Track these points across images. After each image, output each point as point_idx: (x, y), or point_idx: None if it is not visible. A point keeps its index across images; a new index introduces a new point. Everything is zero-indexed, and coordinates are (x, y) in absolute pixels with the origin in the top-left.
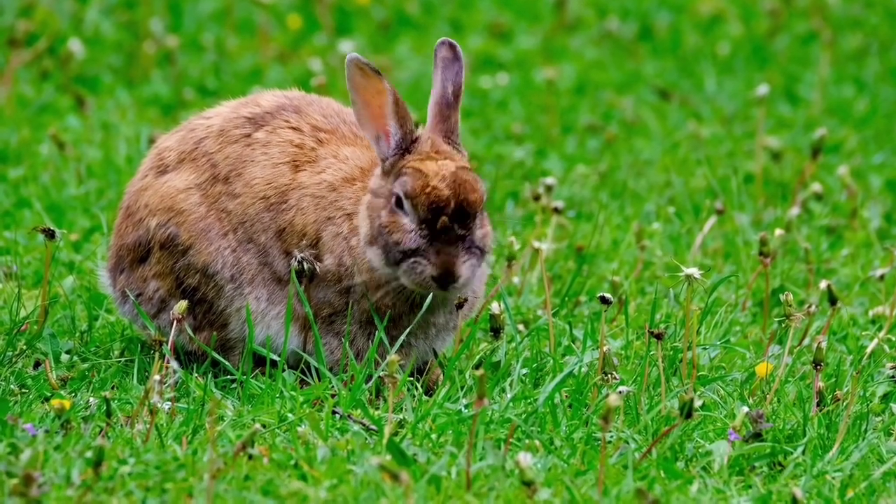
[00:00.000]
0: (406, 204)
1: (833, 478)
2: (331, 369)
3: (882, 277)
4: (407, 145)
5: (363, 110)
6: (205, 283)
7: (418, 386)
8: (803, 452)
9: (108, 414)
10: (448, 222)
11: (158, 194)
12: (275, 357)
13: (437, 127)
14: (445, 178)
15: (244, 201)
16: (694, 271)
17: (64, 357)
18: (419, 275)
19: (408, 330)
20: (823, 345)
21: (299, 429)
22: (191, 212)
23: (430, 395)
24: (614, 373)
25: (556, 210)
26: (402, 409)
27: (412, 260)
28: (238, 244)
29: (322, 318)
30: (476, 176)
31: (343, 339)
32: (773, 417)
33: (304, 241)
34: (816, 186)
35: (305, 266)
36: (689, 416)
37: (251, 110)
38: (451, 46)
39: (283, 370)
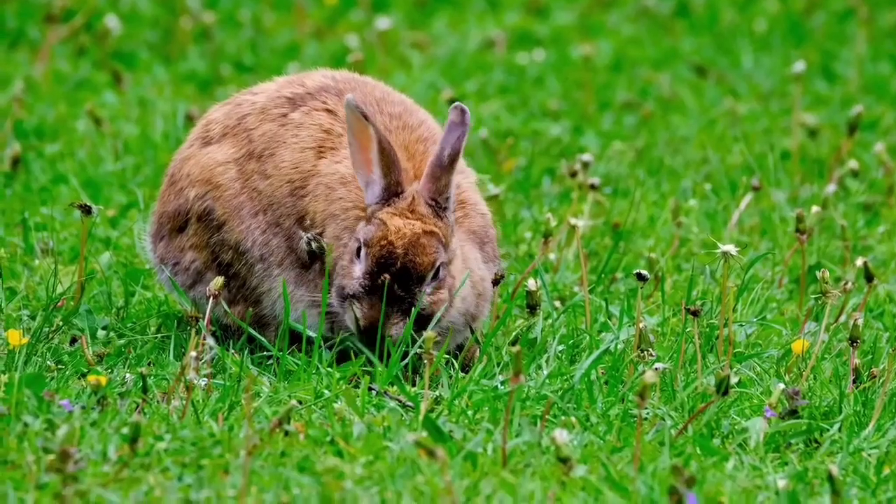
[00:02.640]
0: (362, 252)
1: (869, 455)
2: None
3: None
4: (390, 196)
5: (357, 154)
6: (237, 259)
7: (454, 363)
8: (839, 429)
9: (145, 390)
10: (389, 279)
11: (199, 165)
12: (311, 334)
13: (426, 186)
14: (404, 237)
15: (273, 183)
16: (731, 248)
17: (100, 333)
18: (350, 320)
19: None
20: (860, 322)
21: (335, 405)
22: (227, 187)
23: (467, 372)
24: (650, 350)
25: (592, 187)
26: (438, 385)
27: (349, 304)
28: (267, 226)
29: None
30: (437, 243)
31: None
32: (810, 394)
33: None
34: (853, 163)
35: (314, 246)
36: (725, 393)
37: (294, 90)
38: (462, 111)
39: (320, 347)
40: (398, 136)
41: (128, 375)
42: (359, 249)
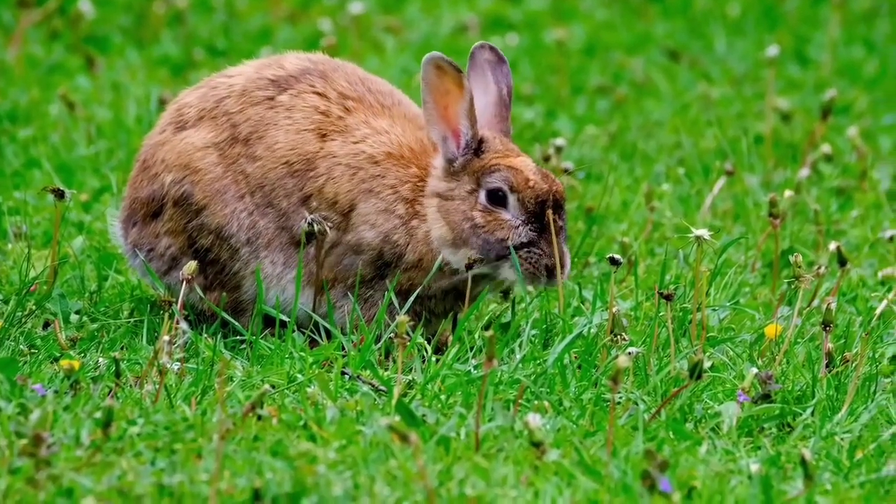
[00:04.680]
0: (511, 199)
1: (842, 439)
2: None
3: (892, 239)
4: (475, 146)
5: (433, 109)
6: (218, 244)
7: (428, 347)
8: (812, 414)
9: (118, 374)
10: (552, 214)
11: (175, 150)
12: (284, 318)
13: (496, 127)
14: (538, 173)
15: (265, 165)
16: (704, 233)
17: (73, 317)
18: (534, 266)
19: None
20: (833, 306)
21: (308, 389)
22: (207, 171)
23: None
24: (623, 334)
25: (566, 171)
26: (411, 369)
27: (524, 253)
28: (255, 207)
29: (347, 285)
30: None
31: (368, 307)
32: (783, 379)
33: (335, 209)
34: (826, 148)
35: (316, 228)
36: (698, 377)
37: (275, 72)
38: (492, 49)
39: (294, 331)
40: (396, 110)
41: (101, 360)
42: (499, 198)
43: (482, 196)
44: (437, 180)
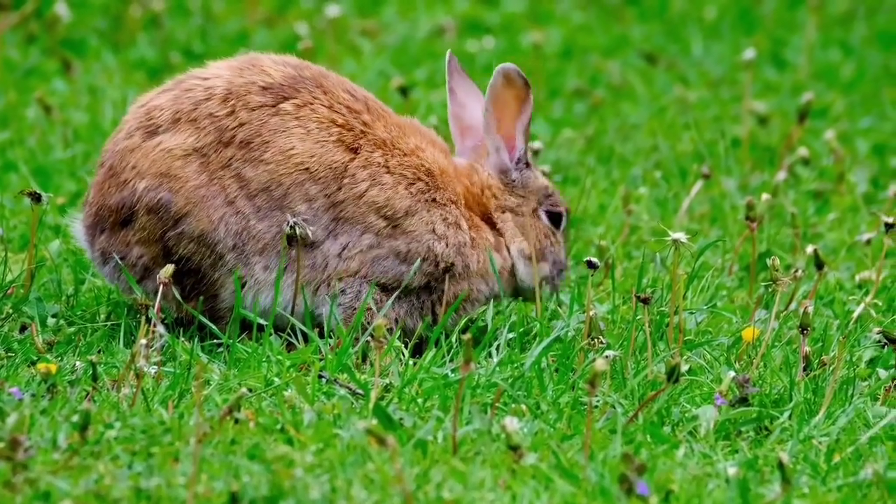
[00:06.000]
0: (563, 222)
1: (819, 442)
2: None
3: (868, 242)
4: (527, 160)
5: (492, 118)
6: (200, 252)
7: (404, 351)
8: (790, 417)
9: (95, 378)
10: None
11: (149, 157)
12: (262, 322)
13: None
14: None
15: (276, 170)
16: (681, 236)
17: (50, 321)
18: (561, 284)
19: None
20: (810, 309)
21: (286, 393)
22: (188, 178)
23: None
24: (601, 337)
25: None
26: (388, 373)
27: (563, 272)
28: (255, 211)
29: (368, 282)
30: None
31: (412, 318)
32: (760, 382)
33: (382, 213)
34: (803, 151)
35: (298, 231)
36: (675, 380)
37: (263, 79)
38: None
39: (271, 335)
40: (391, 119)
41: (77, 363)
42: (556, 221)
43: (544, 217)
44: (503, 194)
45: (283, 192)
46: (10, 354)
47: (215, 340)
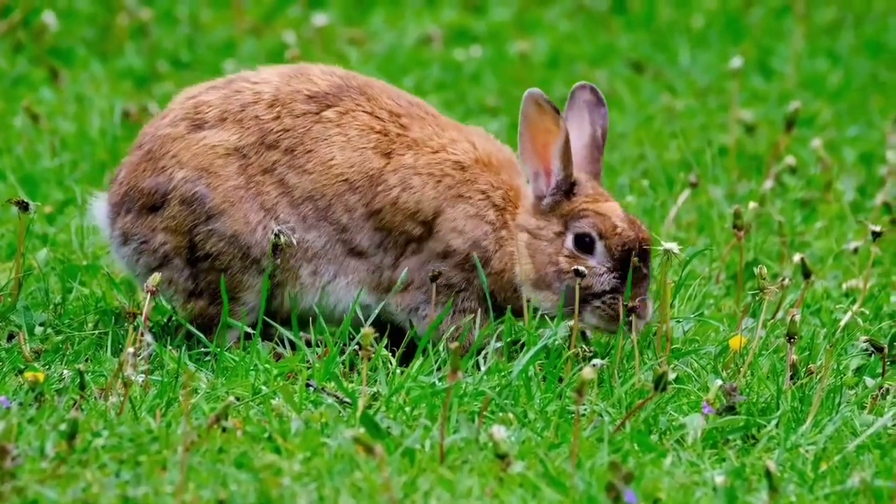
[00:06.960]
0: (598, 245)
1: (806, 451)
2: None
3: (856, 250)
4: (567, 187)
5: (529, 144)
6: (230, 252)
7: (392, 359)
8: (777, 425)
9: (82, 386)
10: (637, 262)
11: (191, 150)
12: (250, 330)
13: (586, 169)
14: (625, 220)
15: (318, 180)
16: (673, 246)
17: (38, 329)
18: (613, 312)
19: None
20: (797, 318)
21: (273, 401)
22: (228, 177)
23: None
24: (588, 346)
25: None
26: (375, 381)
27: (606, 299)
28: (302, 220)
29: (427, 290)
30: None
31: (457, 317)
32: (747, 390)
33: (415, 218)
34: (790, 159)
35: (282, 239)
36: (662, 389)
37: (308, 87)
38: (593, 90)
39: (258, 344)
40: (451, 123)
41: (65, 372)
42: (586, 244)
43: (569, 240)
44: (528, 215)
45: (327, 203)
46: None
47: (203, 349)
